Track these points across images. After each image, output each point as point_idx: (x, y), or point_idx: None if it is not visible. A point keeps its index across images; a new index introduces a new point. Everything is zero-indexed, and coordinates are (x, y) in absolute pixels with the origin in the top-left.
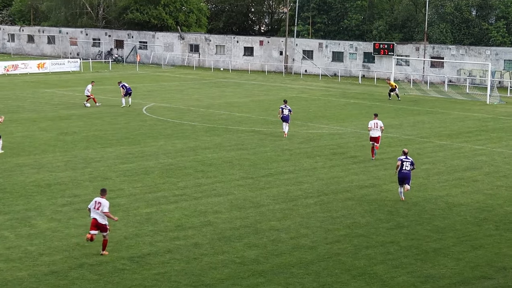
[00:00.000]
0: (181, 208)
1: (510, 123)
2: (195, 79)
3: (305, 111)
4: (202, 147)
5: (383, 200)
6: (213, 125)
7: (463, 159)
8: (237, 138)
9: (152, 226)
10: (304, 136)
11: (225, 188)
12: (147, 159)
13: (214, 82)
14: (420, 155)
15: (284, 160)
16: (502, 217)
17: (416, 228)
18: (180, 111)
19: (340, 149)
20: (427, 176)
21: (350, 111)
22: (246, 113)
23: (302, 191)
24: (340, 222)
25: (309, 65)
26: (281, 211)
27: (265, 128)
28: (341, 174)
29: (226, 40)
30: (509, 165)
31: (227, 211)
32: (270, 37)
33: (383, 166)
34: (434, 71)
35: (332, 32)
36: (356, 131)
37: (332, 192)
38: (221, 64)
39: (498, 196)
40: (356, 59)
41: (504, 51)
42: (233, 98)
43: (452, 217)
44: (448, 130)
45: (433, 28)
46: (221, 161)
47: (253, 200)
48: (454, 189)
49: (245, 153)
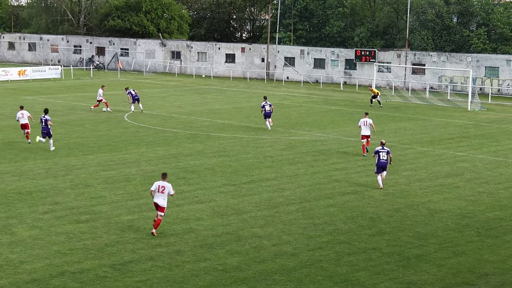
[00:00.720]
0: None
1: (491, 130)
2: (176, 86)
3: (287, 118)
4: (184, 154)
5: (365, 207)
6: (195, 132)
7: (444, 166)
8: (219, 145)
9: (134, 233)
10: (286, 142)
11: (207, 195)
12: (129, 166)
13: (196, 89)
14: (401, 161)
15: (266, 166)
16: (483, 223)
17: (398, 234)
18: (162, 118)
19: (322, 155)
20: (408, 183)
21: (332, 117)
22: (228, 120)
23: (284, 198)
24: (322, 228)
25: (291, 72)
26: (263, 218)
27: (247, 135)
28: (323, 181)
29: (208, 47)
30: (490, 172)
31: (209, 218)
32: (252, 44)
33: (365, 172)
34: (415, 77)
35: (314, 39)
36: (338, 137)
37: (314, 198)
38: (203, 71)
39: (480, 202)
40: (338, 66)
41: (485, 58)
42: (215, 105)
43: (434, 224)
44: (430, 136)
45: (415, 35)
46: (203, 168)
47: (235, 207)
48: (435, 196)
49: (227, 160)
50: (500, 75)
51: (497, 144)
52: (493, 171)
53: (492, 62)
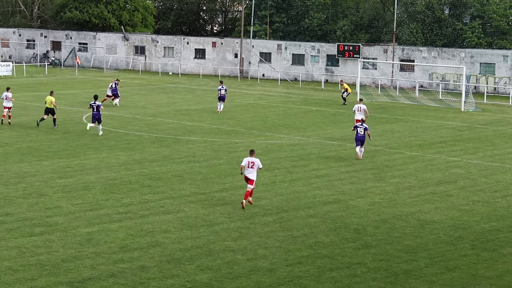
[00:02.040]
0: (126, 227)
1: (487, 132)
2: (141, 84)
3: (262, 120)
4: (149, 159)
5: (349, 217)
6: (161, 135)
7: (436, 172)
8: (187, 150)
9: (94, 247)
10: (261, 147)
11: (175, 205)
12: (88, 173)
13: (162, 88)
14: (389, 167)
15: (240, 173)
16: (479, 235)
17: (385, 248)
18: (124, 120)
19: (302, 161)
20: (396, 191)
21: (312, 119)
22: (197, 121)
23: (260, 207)
24: (301, 241)
25: (267, 68)
26: (237, 230)
27: (218, 139)
28: (303, 189)
29: (175, 41)
30: (486, 178)
31: (176, 231)
32: (224, 38)
33: (348, 180)
34: (403, 75)
35: (292, 32)
36: (319, 141)
37: (292, 208)
38: (169, 67)
39: (475, 212)
40: (319, 62)
41: (479, 53)
42: (183, 105)
43: (425, 236)
44: (420, 140)
45: (403, 28)
46: (170, 175)
47: (206, 218)
48: (426, 205)
49: (196, 166)
50: (496, 72)
51: (493, 148)
52: (489, 178)
53: (487, 58)
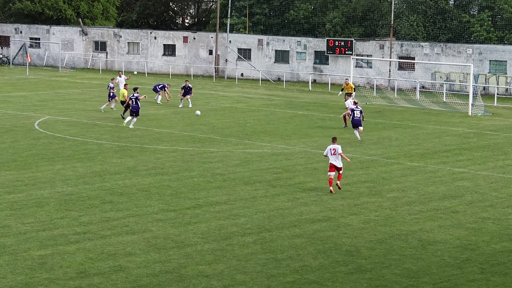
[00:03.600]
0: (85, 249)
1: (498, 140)
2: (101, 85)
3: (241, 126)
4: (111, 171)
5: (340, 237)
6: (124, 143)
7: (439, 185)
8: (155, 160)
9: (47, 272)
10: (240, 157)
11: (140, 224)
12: (41, 187)
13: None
14: (386, 180)
15: (215, 187)
16: (488, 257)
17: (381, 272)
18: (82, 126)
19: (286, 173)
20: (395, 207)
21: (298, 125)
22: (166, 128)
23: (238, 226)
24: (286, 265)
25: (246, 67)
26: (212, 252)
27: (190, 147)
28: (288, 205)
29: (141, 35)
30: (497, 192)
31: (143, 253)
32: (197, 32)
33: (340, 194)
34: (403, 74)
35: (275, 25)
36: (305, 150)
37: (276, 227)
38: (134, 66)
39: (484, 231)
40: (305, 60)
41: (489, 49)
42: (149, 109)
43: (427, 258)
44: (421, 148)
45: (401, 21)
46: (135, 190)
47: (176, 238)
48: (429, 223)
49: (165, 179)
50: (508, 71)
51: (505, 158)
52: (500, 191)
53: (498, 55)
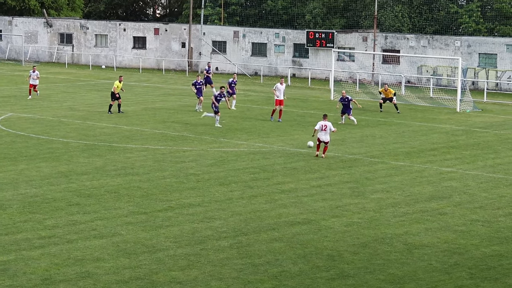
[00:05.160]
0: (50, 254)
1: (488, 137)
2: (67, 80)
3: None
4: (77, 172)
5: (321, 241)
6: (92, 142)
7: (426, 186)
8: (125, 160)
9: (10, 279)
10: (215, 156)
11: (109, 227)
12: (3, 188)
13: (93, 85)
14: (369, 180)
15: (188, 188)
16: (478, 262)
17: (365, 278)
18: (47, 124)
19: (264, 173)
20: (379, 209)
21: (276, 122)
22: (137, 125)
23: (213, 230)
24: (264, 271)
25: (221, 61)
26: (185, 257)
27: (162, 146)
28: (265, 207)
29: (109, 27)
30: (486, 193)
31: (112, 259)
32: (169, 23)
33: (321, 195)
34: (387, 68)
35: (252, 16)
36: (284, 148)
37: (253, 231)
38: (102, 60)
39: (473, 233)
40: (284, 53)
41: (478, 41)
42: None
43: (413, 263)
44: (407, 146)
45: (386, 12)
46: (103, 191)
47: (147, 243)
48: (415, 226)
49: (135, 180)
50: (498, 64)
51: (495, 157)
52: (490, 192)
53: (487, 48)
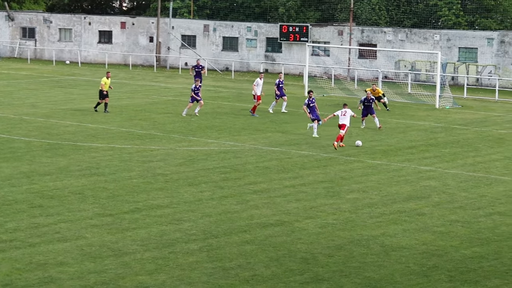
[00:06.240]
0: (10, 259)
1: (468, 135)
2: (29, 76)
3: (186, 120)
4: (40, 172)
5: (295, 243)
6: (55, 141)
7: (404, 185)
8: (89, 159)
9: None
10: (184, 155)
11: (74, 230)
12: None
13: (56, 81)
14: (345, 179)
15: (156, 189)
16: (457, 264)
17: (340, 281)
18: (8, 122)
19: (235, 172)
20: (355, 209)
21: (249, 120)
22: (102, 123)
23: (182, 232)
24: (235, 275)
25: (191, 56)
26: (153, 261)
27: (129, 145)
28: (237, 208)
29: (74, 21)
30: (466, 192)
31: (76, 263)
32: (136, 17)
33: (294, 196)
34: (363, 63)
35: (223, 10)
36: (256, 147)
37: (224, 233)
38: (66, 55)
39: (452, 235)
40: (256, 48)
41: (458, 35)
42: (84, 102)
43: (390, 266)
44: (384, 144)
45: (362, 4)
46: (67, 192)
47: (113, 246)
48: (392, 227)
49: (101, 180)
50: (479, 59)
51: (475, 155)
52: (470, 191)
53: (468, 42)
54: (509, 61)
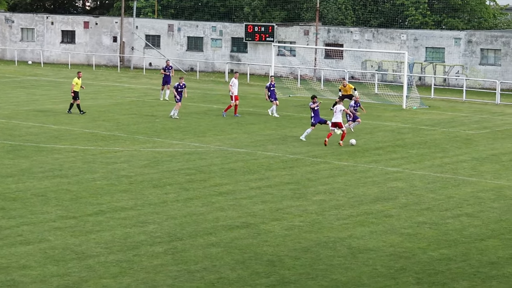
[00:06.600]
0: None
1: (435, 135)
2: None
3: (150, 121)
4: (2, 174)
5: (261, 246)
6: (17, 142)
7: (371, 186)
8: (53, 161)
9: None
10: (148, 156)
11: (36, 233)
12: None
13: (18, 81)
14: (311, 181)
15: (120, 191)
16: (425, 266)
17: (307, 284)
18: None
19: (200, 174)
20: (321, 211)
21: (214, 120)
22: (65, 124)
23: (146, 234)
24: (200, 277)
25: (155, 56)
26: (117, 264)
27: (93, 146)
28: (202, 210)
29: (36, 21)
30: (434, 194)
31: (39, 266)
32: (99, 16)
33: (260, 198)
34: (330, 63)
35: (187, 9)
36: (222, 148)
37: (189, 235)
38: (28, 55)
39: (420, 236)
40: (222, 48)
41: (425, 35)
42: (46, 103)
43: (357, 268)
44: (351, 145)
45: (328, 4)
46: (29, 194)
47: (77, 249)
48: (359, 229)
49: (64, 182)
50: (446, 59)
51: (443, 156)
52: (437, 192)
53: (435, 41)
54: (476, 61)
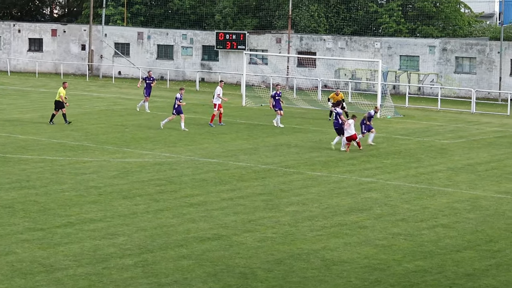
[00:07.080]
0: None
1: (410, 145)
2: None
3: (119, 131)
4: None
5: (233, 258)
6: None
7: (345, 197)
8: (19, 172)
9: None
10: (118, 167)
11: (3, 245)
12: None
13: None
14: (284, 192)
15: (89, 202)
16: (400, 278)
17: None
18: None
19: (171, 185)
20: (294, 223)
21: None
22: (33, 134)
23: (116, 247)
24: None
25: (124, 64)
26: (86, 277)
27: (61, 157)
28: (173, 222)
29: (3, 28)
30: (409, 204)
31: (6, 279)
32: (67, 24)
33: (232, 209)
34: (302, 72)
35: (157, 17)
36: (193, 158)
37: (159, 247)
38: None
39: (395, 248)
40: (192, 56)
41: (399, 43)
42: (13, 113)
43: (331, 280)
44: (324, 155)
45: (301, 11)
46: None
47: (45, 262)
48: (333, 240)
49: (32, 193)
50: (421, 67)
51: (417, 166)
52: (412, 203)
53: (409, 49)
54: (451, 69)
